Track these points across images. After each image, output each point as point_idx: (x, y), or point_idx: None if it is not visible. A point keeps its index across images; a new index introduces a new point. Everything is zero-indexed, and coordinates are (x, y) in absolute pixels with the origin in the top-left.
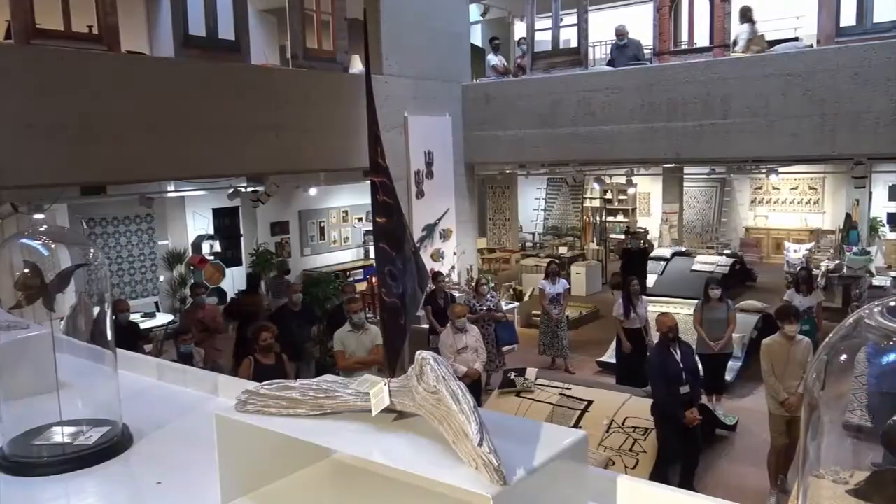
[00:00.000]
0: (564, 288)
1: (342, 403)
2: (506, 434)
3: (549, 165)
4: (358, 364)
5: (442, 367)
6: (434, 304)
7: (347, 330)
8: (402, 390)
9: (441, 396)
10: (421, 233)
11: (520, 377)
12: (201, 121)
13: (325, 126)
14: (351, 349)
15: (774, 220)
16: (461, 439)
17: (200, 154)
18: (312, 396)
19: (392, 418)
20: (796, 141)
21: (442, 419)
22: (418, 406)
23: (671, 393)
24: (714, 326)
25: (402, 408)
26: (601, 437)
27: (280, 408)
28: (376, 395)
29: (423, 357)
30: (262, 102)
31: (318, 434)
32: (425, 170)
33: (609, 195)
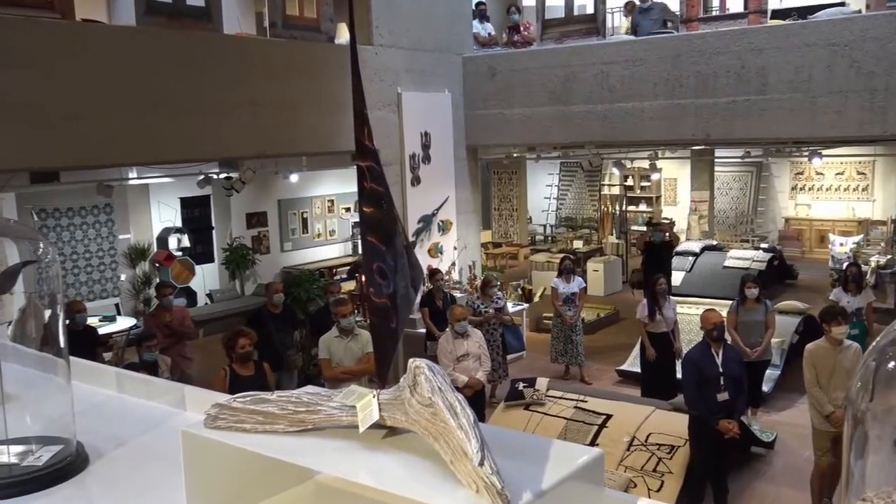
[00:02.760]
0: (580, 287)
1: (325, 418)
2: (510, 452)
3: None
4: (346, 374)
5: (438, 377)
6: (432, 305)
7: (334, 335)
8: (393, 403)
9: (437, 410)
10: (417, 225)
11: (529, 388)
12: (167, 98)
13: (309, 104)
14: (338, 357)
15: (818, 209)
16: (460, 458)
17: (166, 136)
18: (292, 410)
19: (382, 435)
20: (842, 119)
21: (438, 436)
22: (411, 421)
23: (704, 398)
24: (750, 330)
25: (394, 423)
26: (621, 455)
27: (255, 423)
28: (364, 408)
29: (416, 365)
30: (237, 77)
31: (299, 453)
32: (421, 153)
33: (630, 182)
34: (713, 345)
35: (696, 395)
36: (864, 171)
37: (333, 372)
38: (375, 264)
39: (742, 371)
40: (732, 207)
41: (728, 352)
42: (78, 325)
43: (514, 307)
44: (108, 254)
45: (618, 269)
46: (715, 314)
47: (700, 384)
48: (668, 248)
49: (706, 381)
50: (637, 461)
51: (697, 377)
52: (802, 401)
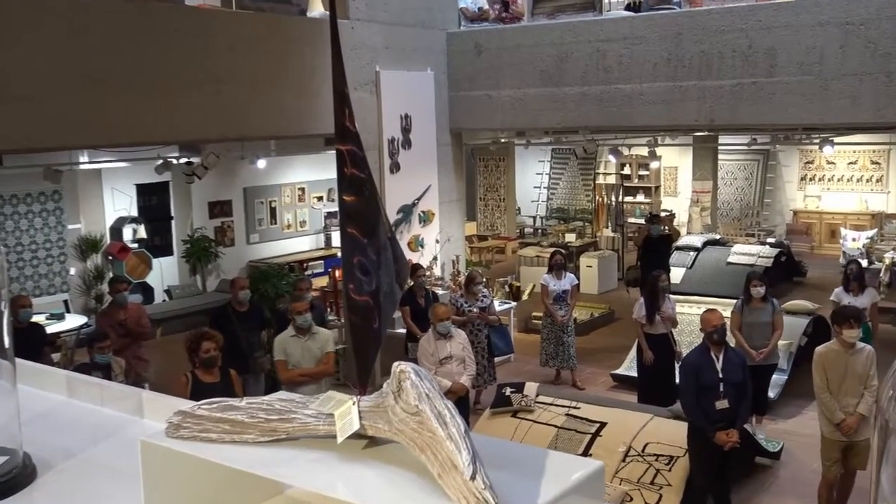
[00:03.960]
0: (572, 284)
1: (300, 427)
2: (503, 464)
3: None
4: (303, 377)
5: (426, 383)
6: (413, 303)
7: (290, 335)
8: (375, 411)
9: (424, 419)
10: (396, 215)
11: (517, 393)
12: (122, 75)
13: (278, 82)
14: (295, 358)
15: (828, 201)
16: (449, 472)
17: (121, 116)
18: (263, 419)
19: (362, 445)
20: (856, 105)
21: (425, 447)
22: (395, 430)
23: (701, 405)
24: (755, 332)
25: (375, 433)
26: (616, 466)
27: (222, 432)
28: (343, 416)
29: (401, 370)
30: (199, 53)
31: (270, 465)
32: (401, 138)
33: (627, 170)
34: (713, 348)
35: (692, 403)
36: (878, 160)
37: (290, 374)
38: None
39: (745, 376)
40: (737, 199)
41: (730, 356)
42: (22, 323)
43: (501, 306)
44: (57, 245)
45: (613, 265)
46: (716, 315)
47: (698, 391)
48: (667, 242)
49: (705, 388)
50: (633, 473)
51: (695, 383)
52: (811, 408)
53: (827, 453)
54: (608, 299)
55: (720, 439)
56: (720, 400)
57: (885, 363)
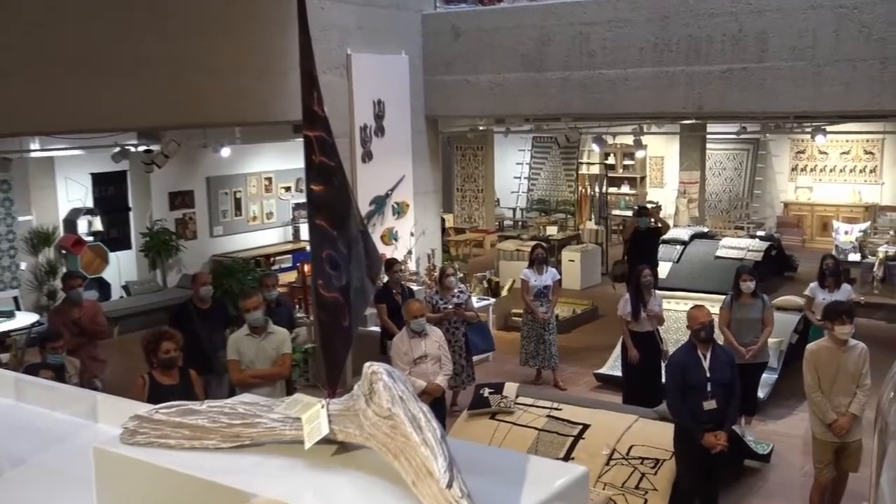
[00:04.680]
0: (554, 279)
1: (265, 432)
2: (482, 471)
3: (535, 121)
4: (257, 378)
5: (399, 385)
6: (390, 300)
7: (245, 333)
8: (345, 415)
9: (397, 423)
10: (368, 207)
11: (496, 394)
12: (74, 56)
13: (243, 65)
14: (248, 358)
15: (820, 193)
16: (424, 479)
17: (74, 101)
18: (226, 423)
19: (332, 451)
20: (849, 92)
21: (398, 453)
22: (367, 436)
23: (689, 406)
24: (745, 328)
25: (346, 437)
26: (600, 470)
27: (182, 438)
28: (311, 421)
29: (373, 371)
30: (158, 33)
31: (233, 472)
32: (374, 125)
33: (612, 160)
34: (700, 346)
35: (679, 403)
36: (872, 150)
37: (242, 375)
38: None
39: (734, 375)
40: (726, 190)
41: (718, 354)
42: None
43: (479, 302)
44: (6, 238)
45: (597, 260)
46: (703, 312)
47: (684, 391)
48: (655, 235)
49: (691, 388)
50: (618, 477)
51: (681, 383)
52: (802, 408)
53: (819, 455)
54: (591, 295)
55: (708, 441)
56: (708, 400)
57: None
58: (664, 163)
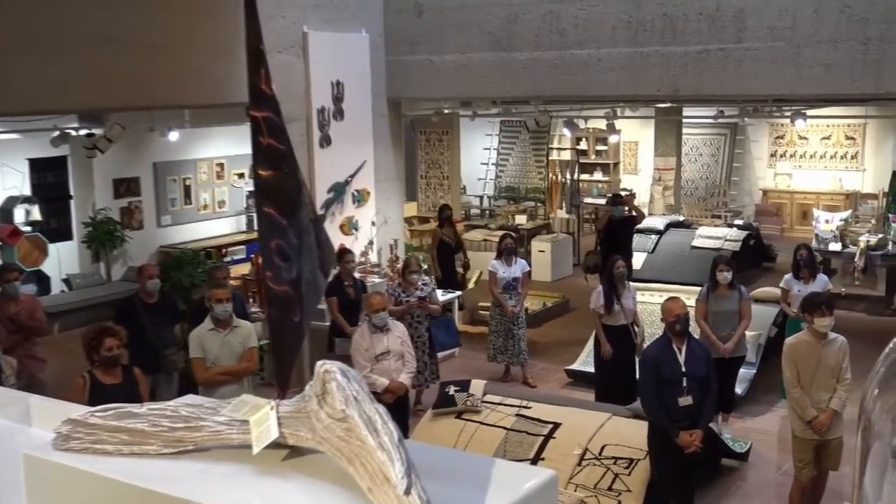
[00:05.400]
0: (523, 271)
1: (210, 436)
2: (444, 475)
3: (504, 104)
4: (223, 375)
5: (353, 385)
6: (341, 294)
7: (208, 328)
8: (296, 417)
9: (352, 425)
10: (326, 195)
11: (462, 392)
12: (9, 34)
13: (193, 43)
14: (213, 355)
15: (800, 180)
16: (380, 486)
17: (9, 81)
18: (167, 427)
19: (282, 456)
20: (830, 74)
21: (353, 457)
22: (320, 439)
23: (663, 403)
24: (722, 321)
25: (297, 441)
26: (571, 471)
27: (119, 444)
28: (259, 424)
29: (326, 370)
30: (100, 7)
31: (175, 480)
32: (332, 107)
33: (584, 145)
34: (675, 340)
35: (653, 400)
36: (853, 135)
37: (208, 373)
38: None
39: (710, 370)
40: (702, 177)
41: (693, 348)
42: None
43: (444, 295)
44: None
45: (568, 250)
46: (678, 304)
47: (659, 387)
48: (630, 224)
49: (666, 383)
50: (590, 478)
51: (656, 378)
52: (781, 404)
53: (798, 453)
54: (563, 287)
55: (682, 441)
56: (683, 396)
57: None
58: (638, 148)
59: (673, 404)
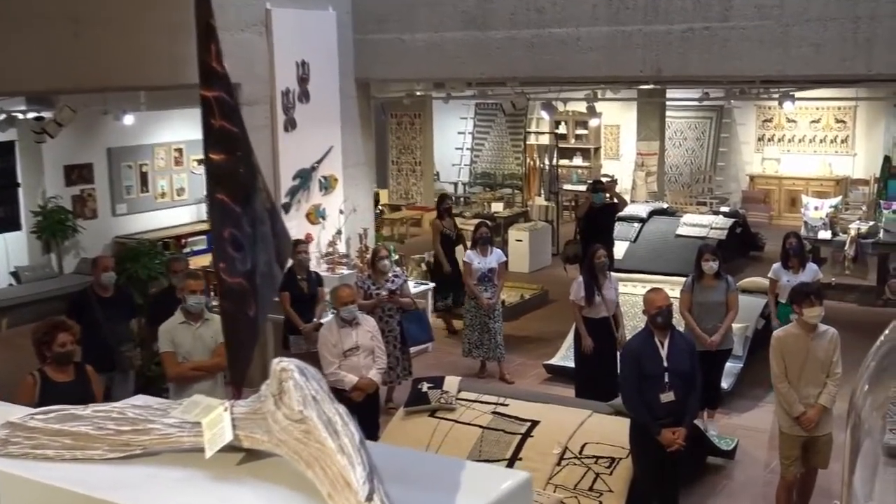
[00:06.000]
0: (499, 261)
1: (160, 440)
2: (412, 479)
3: (479, 85)
4: (196, 370)
5: (312, 384)
6: (294, 288)
7: (179, 321)
8: (252, 418)
9: (310, 427)
10: (292, 181)
11: (435, 389)
12: None
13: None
14: (185, 349)
15: (789, 165)
16: (341, 491)
17: None
18: (113, 430)
19: (237, 460)
20: (819, 54)
21: (313, 461)
22: (277, 442)
23: (645, 399)
24: (707, 313)
25: (252, 444)
26: (550, 471)
27: (62, 448)
28: (212, 426)
29: (282, 368)
30: None
31: (121, 487)
32: (297, 89)
33: (563, 129)
34: (658, 333)
35: (634, 396)
36: (843, 118)
37: (180, 368)
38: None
39: (694, 365)
40: (687, 162)
41: (676, 341)
42: None
43: (417, 287)
44: None
45: (547, 239)
46: (660, 295)
47: (640, 382)
48: (611, 212)
49: (648, 379)
50: (570, 478)
51: (637, 373)
52: (768, 400)
53: (786, 451)
54: (541, 278)
55: (665, 438)
56: (665, 392)
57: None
58: (620, 132)
59: (654, 400)
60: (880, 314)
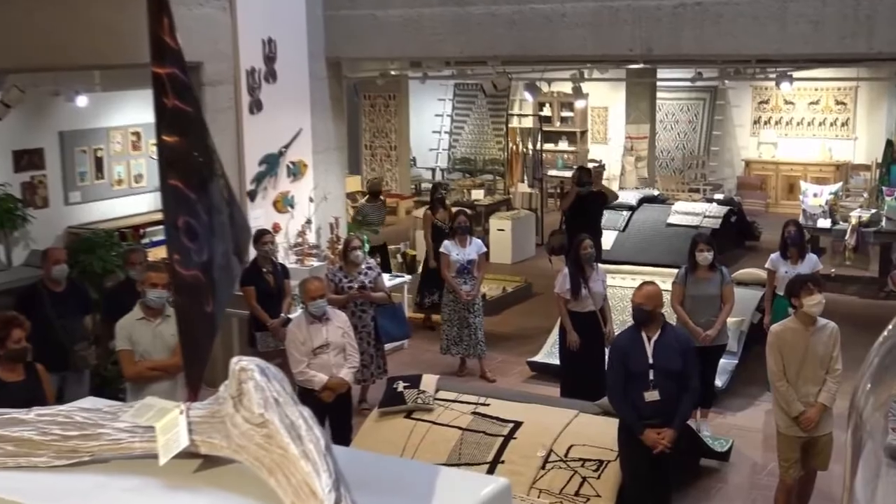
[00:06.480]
0: (479, 252)
1: (109, 445)
2: (383, 487)
3: (458, 65)
4: (156, 370)
5: (274, 384)
6: (259, 282)
7: (138, 317)
8: (209, 422)
9: (272, 431)
10: (258, 167)
11: (411, 389)
12: None
13: None
14: (144, 347)
15: (786, 149)
16: (305, 500)
17: None
18: (59, 436)
19: (193, 468)
20: (818, 32)
21: (275, 468)
22: (236, 447)
23: (630, 397)
24: (701, 307)
25: (210, 450)
26: (535, 475)
27: (4, 455)
28: (166, 430)
29: (241, 367)
30: None
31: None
32: (264, 69)
33: (547, 111)
34: (646, 329)
35: (619, 394)
36: (844, 100)
37: (137, 368)
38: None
39: (688, 364)
40: (679, 146)
41: (666, 338)
42: None
43: (392, 280)
44: None
45: (530, 229)
46: (642, 291)
47: (627, 379)
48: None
49: (632, 376)
50: (555, 482)
51: (622, 370)
52: (765, 398)
53: (784, 452)
54: (524, 270)
55: (648, 438)
56: (649, 391)
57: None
58: (608, 115)
59: (639, 399)
60: (882, 307)
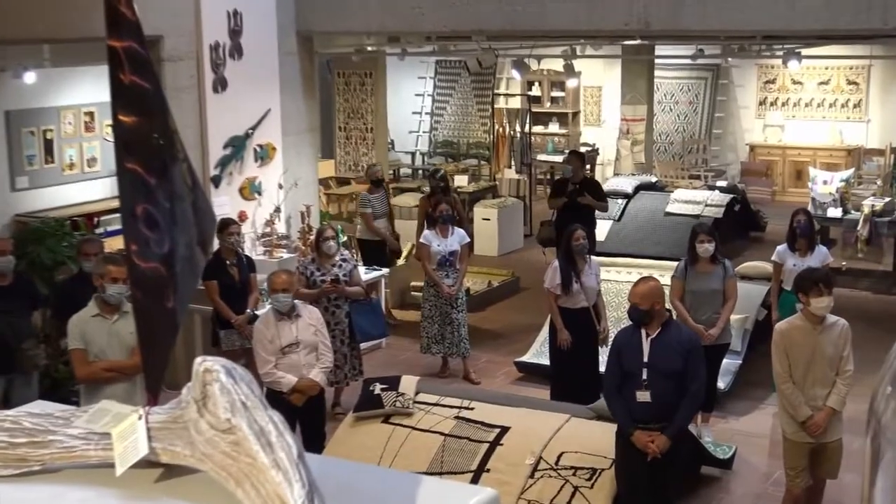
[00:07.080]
0: (462, 243)
1: (61, 453)
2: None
3: (440, 40)
4: (111, 371)
5: (242, 387)
6: (223, 275)
7: (92, 314)
8: (170, 428)
9: (240, 438)
10: (222, 151)
11: (389, 391)
12: None
13: None
14: (99, 346)
15: (794, 132)
16: None
17: None
18: (6, 443)
19: (154, 478)
20: (829, 7)
21: (243, 478)
22: (201, 456)
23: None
24: (702, 303)
25: (172, 459)
26: (523, 484)
27: None
28: (124, 437)
29: (206, 368)
30: None
31: None
32: (229, 43)
33: (536, 91)
34: (645, 326)
35: (613, 394)
36: (856, 79)
37: (91, 368)
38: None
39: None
40: (678, 129)
41: (667, 336)
42: None
43: (368, 273)
44: None
45: (518, 218)
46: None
47: (621, 379)
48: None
49: (626, 375)
50: (545, 492)
51: (618, 368)
52: (771, 401)
53: (791, 460)
54: (512, 263)
55: (638, 439)
56: (641, 391)
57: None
58: (602, 95)
59: (632, 399)
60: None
